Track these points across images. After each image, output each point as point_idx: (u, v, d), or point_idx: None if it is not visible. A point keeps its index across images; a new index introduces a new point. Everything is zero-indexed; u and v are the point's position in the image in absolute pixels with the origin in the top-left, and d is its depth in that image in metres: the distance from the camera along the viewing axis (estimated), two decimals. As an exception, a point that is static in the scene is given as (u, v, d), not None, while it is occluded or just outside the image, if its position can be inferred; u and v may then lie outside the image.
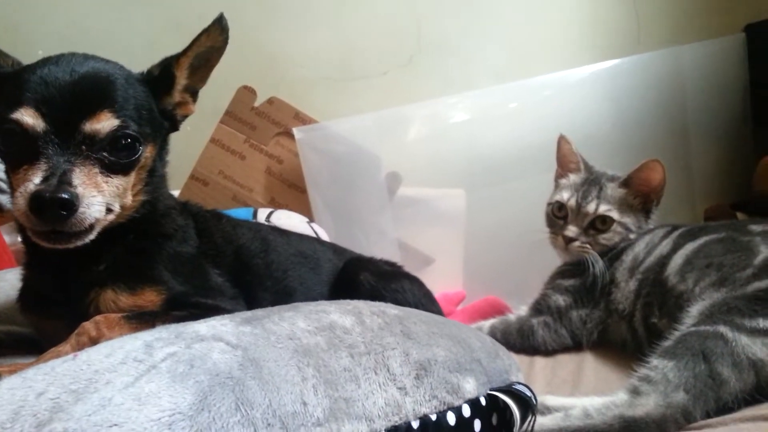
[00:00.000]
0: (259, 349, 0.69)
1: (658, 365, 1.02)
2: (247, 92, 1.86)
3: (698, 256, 1.37)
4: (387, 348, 0.78)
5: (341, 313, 0.81)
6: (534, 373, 1.41)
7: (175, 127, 0.94)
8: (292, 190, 1.93)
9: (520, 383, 0.94)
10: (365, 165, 1.96)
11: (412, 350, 0.80)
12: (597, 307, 1.48)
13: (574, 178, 1.60)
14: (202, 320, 0.76)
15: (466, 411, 0.81)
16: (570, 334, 1.48)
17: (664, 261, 1.41)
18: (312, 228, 1.66)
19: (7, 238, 1.58)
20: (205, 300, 0.89)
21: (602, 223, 1.51)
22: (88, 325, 0.78)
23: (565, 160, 1.65)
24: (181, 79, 0.91)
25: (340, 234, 1.89)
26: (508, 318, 1.57)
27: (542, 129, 1.90)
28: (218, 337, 0.69)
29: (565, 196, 1.57)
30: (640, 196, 1.53)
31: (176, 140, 0.98)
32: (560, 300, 1.51)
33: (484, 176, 2.01)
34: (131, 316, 0.81)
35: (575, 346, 1.48)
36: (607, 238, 1.51)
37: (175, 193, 1.85)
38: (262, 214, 1.63)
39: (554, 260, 1.67)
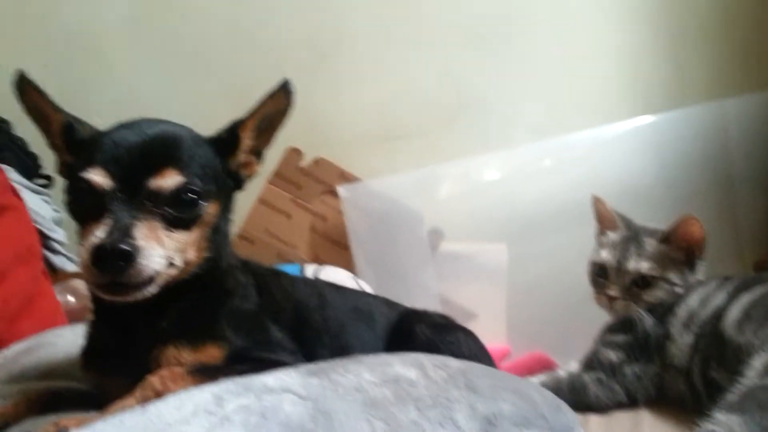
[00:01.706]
0: (328, 401, 0.68)
1: (723, 420, 0.98)
2: (293, 153, 1.92)
3: (756, 306, 1.33)
4: (453, 401, 0.77)
5: (404, 366, 0.80)
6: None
7: (239, 186, 0.96)
8: (336, 247, 1.94)
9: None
10: (407, 222, 1.97)
11: (477, 404, 0.78)
12: (651, 362, 1.43)
13: (612, 236, 1.58)
14: (268, 372, 0.75)
15: (536, 469, 0.77)
16: (624, 390, 1.42)
17: (719, 313, 1.37)
18: (358, 284, 1.67)
19: (59, 298, 1.62)
20: (266, 354, 0.89)
21: (644, 280, 1.48)
22: (152, 379, 0.78)
23: (602, 219, 1.64)
24: (246, 141, 0.93)
25: (382, 290, 1.87)
26: (558, 374, 1.52)
27: (583, 184, 1.89)
28: (287, 388, 0.69)
29: (604, 255, 1.55)
30: (682, 250, 1.49)
31: None
32: (612, 355, 1.46)
33: (526, 231, 2.00)
34: (195, 371, 0.81)
35: (630, 402, 1.42)
36: (651, 295, 1.48)
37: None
38: (309, 271, 1.65)
39: (600, 313, 1.63)
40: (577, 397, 1.43)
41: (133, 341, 0.86)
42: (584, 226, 1.77)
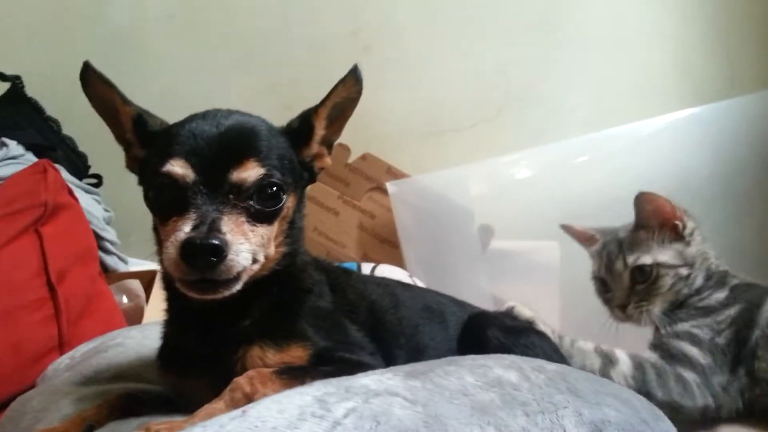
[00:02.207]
0: (437, 405, 0.64)
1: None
2: (340, 149, 1.88)
3: None
4: (559, 407, 0.72)
5: (503, 368, 0.76)
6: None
7: (313, 179, 0.93)
8: (385, 246, 1.91)
9: (686, 447, 0.86)
10: (457, 218, 1.93)
11: (583, 409, 0.74)
12: (734, 372, 1.31)
13: (594, 249, 1.53)
14: (361, 375, 0.72)
15: (647, 477, 0.73)
16: (712, 399, 1.29)
17: None
18: (414, 281, 1.63)
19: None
20: (349, 355, 0.86)
21: (641, 273, 1.40)
22: (241, 381, 0.75)
23: (581, 240, 1.60)
24: (320, 130, 0.90)
25: (433, 288, 1.84)
26: (641, 357, 1.35)
27: (633, 177, 1.84)
28: (392, 391, 0.65)
29: (594, 268, 1.51)
30: (658, 228, 1.41)
31: None
32: (696, 353, 1.32)
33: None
34: (282, 372, 0.78)
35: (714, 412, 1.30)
36: (659, 285, 1.39)
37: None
38: (365, 269, 1.61)
39: None
40: (663, 388, 1.28)
41: (215, 341, 0.84)
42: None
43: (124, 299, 1.65)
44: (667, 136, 2.01)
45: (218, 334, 0.84)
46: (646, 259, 1.40)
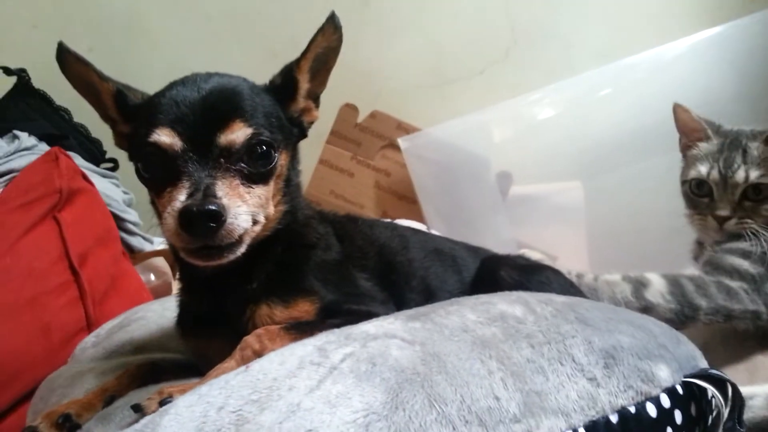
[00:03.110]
0: (436, 343, 0.64)
1: None
2: (349, 109, 1.86)
3: None
4: (567, 336, 0.71)
5: (508, 303, 0.75)
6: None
7: (303, 134, 0.92)
8: (403, 202, 1.89)
9: (713, 369, 0.84)
10: (473, 167, 1.90)
11: (593, 337, 0.73)
12: None
13: (706, 146, 1.40)
14: (365, 321, 0.72)
15: (666, 401, 0.71)
16: (766, 310, 1.23)
17: None
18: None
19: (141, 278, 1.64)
20: (357, 306, 0.85)
21: (757, 192, 1.31)
22: (250, 339, 0.76)
23: (687, 130, 1.45)
24: (304, 84, 0.89)
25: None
26: (677, 275, 1.31)
27: (655, 106, 1.76)
28: (391, 334, 0.65)
29: (702, 170, 1.37)
30: None
31: None
32: (748, 266, 1.28)
33: (598, 165, 1.88)
34: (290, 327, 0.78)
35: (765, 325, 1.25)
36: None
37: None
38: (381, 226, 1.60)
39: (684, 243, 1.50)
40: (729, 301, 1.24)
41: (225, 304, 0.84)
42: (663, 153, 1.65)
43: (152, 277, 1.68)
44: (689, 59, 1.91)
45: (228, 298, 0.85)
46: None
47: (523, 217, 1.91)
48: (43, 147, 1.65)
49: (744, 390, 1.05)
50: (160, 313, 1.14)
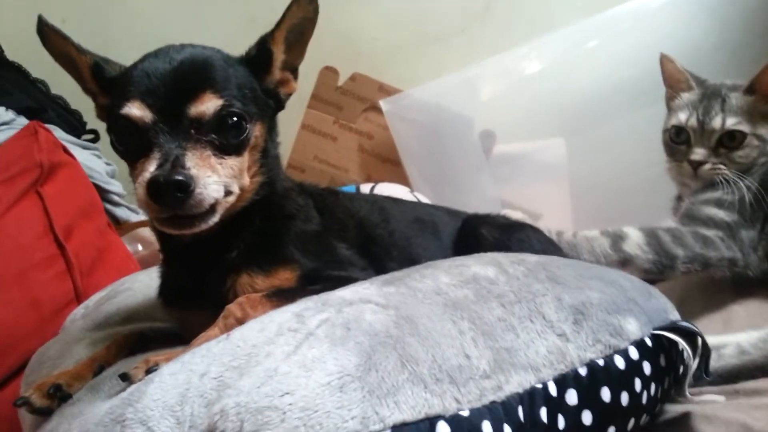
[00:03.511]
0: (409, 306, 0.66)
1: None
2: (329, 73, 1.85)
3: None
4: (537, 295, 0.74)
5: (481, 265, 0.77)
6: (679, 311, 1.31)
7: (281, 106, 0.92)
8: (387, 165, 1.90)
9: (682, 321, 0.87)
10: (456, 127, 1.90)
11: (563, 295, 0.75)
12: (762, 230, 1.29)
13: (688, 96, 1.42)
14: (342, 288, 0.74)
15: (634, 353, 0.75)
16: (741, 255, 1.27)
17: None
18: (416, 197, 1.63)
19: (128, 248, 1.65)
20: (337, 272, 0.88)
21: (732, 139, 1.34)
22: (232, 307, 0.78)
23: (672, 81, 1.47)
24: (279, 55, 0.89)
25: (439, 201, 1.82)
26: (654, 227, 1.33)
27: (636, 59, 1.76)
28: (365, 299, 0.67)
29: (682, 117, 1.40)
30: None
31: None
32: (723, 215, 1.31)
33: (581, 121, 1.88)
34: (271, 294, 0.80)
35: (742, 268, 1.29)
36: (743, 155, 1.33)
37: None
38: (364, 189, 1.62)
39: (667, 198, 1.53)
40: (706, 249, 1.27)
41: (207, 275, 0.86)
42: (645, 107, 1.66)
43: (139, 247, 1.69)
44: (670, 9, 1.90)
45: (209, 268, 0.86)
46: (745, 127, 1.33)
47: (507, 176, 1.92)
48: (22, 121, 1.64)
49: (716, 339, 1.10)
50: (147, 284, 1.16)
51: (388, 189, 1.62)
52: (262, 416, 0.52)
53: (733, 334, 1.11)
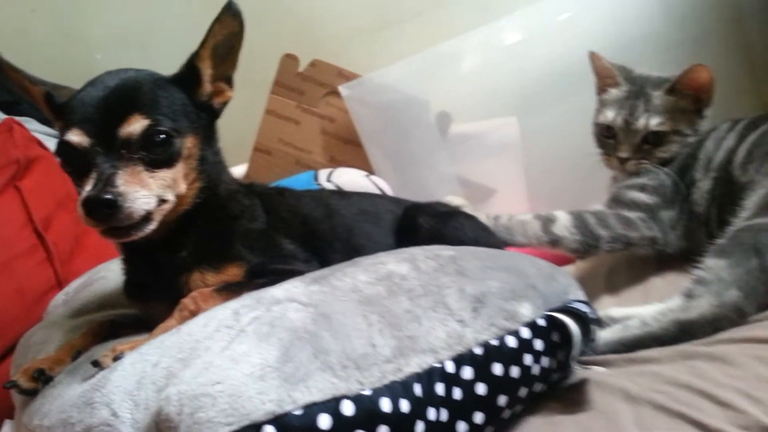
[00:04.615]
0: (327, 304, 0.79)
1: (711, 265, 1.04)
2: (289, 60, 1.93)
3: (759, 145, 1.34)
4: (443, 287, 0.86)
5: (397, 262, 0.90)
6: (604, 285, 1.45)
7: (215, 116, 1.00)
8: (349, 146, 2.00)
9: (578, 301, 1.00)
10: (413, 110, 1.99)
11: (466, 286, 0.88)
12: (681, 212, 1.43)
13: (615, 92, 1.54)
14: (278, 285, 0.87)
15: (525, 333, 0.88)
16: (662, 234, 1.39)
17: (730, 156, 1.39)
18: (371, 180, 1.74)
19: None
20: (282, 266, 0.99)
21: (655, 136, 1.47)
22: (186, 301, 0.90)
23: (600, 75, 1.60)
24: (207, 70, 0.96)
25: (401, 180, 1.95)
26: (582, 212, 1.44)
27: (588, 40, 1.84)
28: (292, 298, 0.80)
29: (609, 115, 1.52)
30: (690, 99, 1.47)
31: (236, 117, 1.07)
32: (645, 197, 1.43)
33: (533, 101, 1.97)
34: (221, 289, 0.92)
35: (662, 247, 1.42)
36: (664, 150, 1.47)
37: (243, 166, 1.98)
38: (323, 175, 1.73)
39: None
40: (628, 230, 1.39)
41: (162, 273, 0.98)
42: (591, 89, 1.77)
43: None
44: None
45: (163, 266, 0.98)
46: (667, 126, 1.45)
47: (463, 154, 2.03)
48: (-1, 114, 1.73)
49: (626, 311, 1.25)
50: (118, 272, 1.28)
51: (345, 173, 1.73)
52: (198, 401, 0.65)
53: (642, 306, 1.25)
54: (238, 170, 1.93)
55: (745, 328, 0.97)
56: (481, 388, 0.81)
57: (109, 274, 1.30)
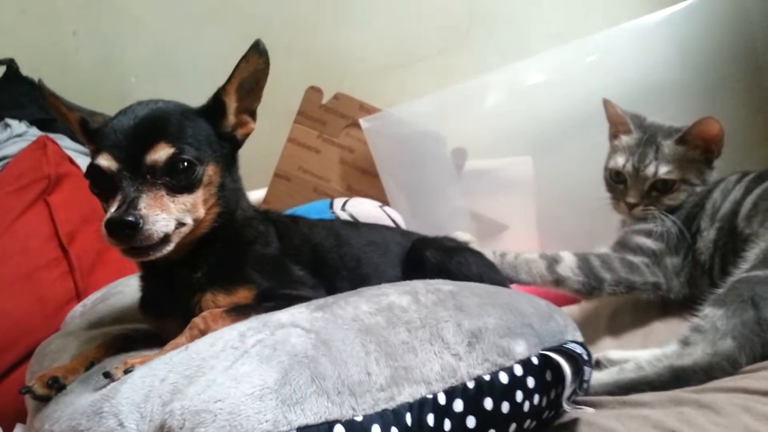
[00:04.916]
0: (328, 331, 0.83)
1: (708, 314, 1.06)
2: (314, 92, 2.01)
3: (764, 197, 1.36)
4: (441, 321, 0.90)
5: (399, 294, 0.93)
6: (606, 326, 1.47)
7: (237, 146, 1.06)
8: (366, 176, 2.06)
9: (574, 342, 1.03)
10: (430, 144, 2.05)
11: (464, 321, 0.91)
12: (685, 259, 1.45)
13: (627, 139, 1.58)
14: (284, 310, 0.91)
15: (518, 370, 0.90)
16: (665, 281, 1.42)
17: (736, 208, 1.41)
18: (384, 211, 1.79)
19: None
20: (290, 291, 1.04)
21: (663, 184, 1.50)
22: (197, 320, 0.95)
23: (613, 122, 1.64)
24: (232, 104, 1.03)
25: (414, 212, 2.00)
26: (587, 254, 1.48)
27: (608, 85, 1.89)
28: (295, 323, 0.84)
29: (620, 161, 1.56)
30: (699, 149, 1.51)
31: (259, 143, 1.12)
32: (650, 243, 1.46)
33: (549, 142, 2.02)
34: (231, 310, 0.97)
35: (665, 293, 1.44)
36: (672, 197, 1.50)
37: (263, 190, 2.05)
38: (338, 204, 1.78)
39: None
40: (631, 274, 1.41)
41: (177, 290, 1.03)
42: (604, 131, 1.80)
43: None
44: (636, 41, 2.02)
45: (178, 285, 1.04)
46: (675, 175, 1.49)
47: (477, 190, 2.07)
48: (34, 132, 1.82)
49: (624, 354, 1.26)
50: (136, 288, 1.34)
51: (359, 203, 1.78)
52: (199, 417, 0.69)
53: (639, 350, 1.27)
54: (258, 194, 2.00)
55: (736, 378, 0.99)
56: (471, 421, 0.84)
57: (126, 289, 1.35)
